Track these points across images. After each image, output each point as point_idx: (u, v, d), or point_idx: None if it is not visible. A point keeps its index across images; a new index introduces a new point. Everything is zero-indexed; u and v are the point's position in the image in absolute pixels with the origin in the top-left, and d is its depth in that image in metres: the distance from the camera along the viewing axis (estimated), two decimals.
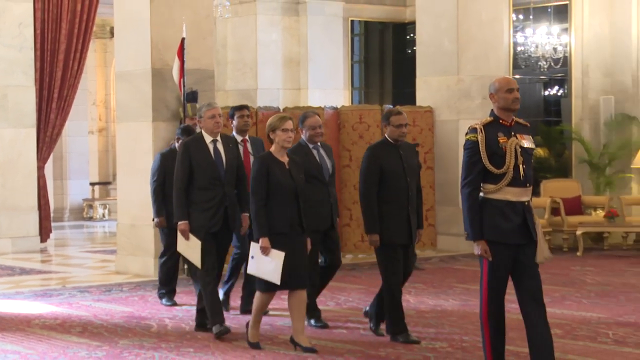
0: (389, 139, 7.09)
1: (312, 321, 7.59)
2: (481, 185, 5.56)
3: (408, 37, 16.85)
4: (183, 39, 10.26)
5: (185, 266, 10.40)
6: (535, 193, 12.40)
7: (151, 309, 8.77)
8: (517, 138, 5.54)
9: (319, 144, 7.58)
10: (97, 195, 18.72)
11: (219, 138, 7.30)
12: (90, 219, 17.99)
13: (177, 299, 9.07)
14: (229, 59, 15.90)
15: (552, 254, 5.81)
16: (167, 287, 8.79)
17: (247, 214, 7.33)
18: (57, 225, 15.78)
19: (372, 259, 7.99)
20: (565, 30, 14.58)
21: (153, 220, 8.97)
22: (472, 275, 10.07)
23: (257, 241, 6.66)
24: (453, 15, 12.72)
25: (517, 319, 5.91)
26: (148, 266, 10.59)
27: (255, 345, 6.75)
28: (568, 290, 9.30)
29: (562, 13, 14.77)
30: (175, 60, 10.42)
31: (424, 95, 13.05)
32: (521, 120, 5.70)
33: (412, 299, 8.92)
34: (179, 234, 7.25)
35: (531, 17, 15.23)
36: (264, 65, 15.81)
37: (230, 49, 15.94)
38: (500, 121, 5.57)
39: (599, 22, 14.27)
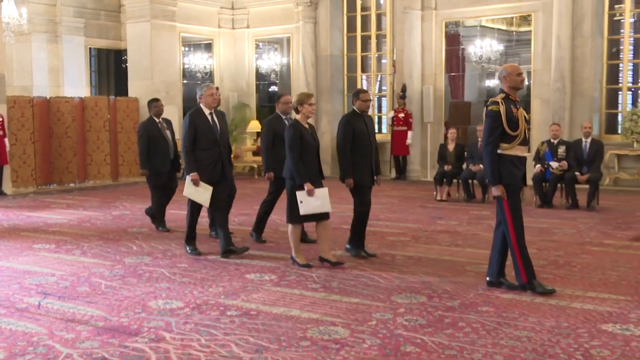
0: (357, 110, 7.21)
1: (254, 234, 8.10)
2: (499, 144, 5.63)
3: (123, 57, 18.90)
4: None
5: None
6: None
7: None
8: (521, 109, 5.73)
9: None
10: None
11: (213, 111, 7.41)
12: None
13: (32, 212, 10.48)
14: (15, 68, 17.70)
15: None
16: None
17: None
18: None
19: None
20: (211, 56, 17.90)
21: (139, 171, 9.26)
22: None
23: (299, 188, 6.67)
24: (148, 46, 15.81)
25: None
26: None
27: (306, 265, 6.75)
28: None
29: (209, 47, 17.97)
30: None
31: (133, 91, 15.72)
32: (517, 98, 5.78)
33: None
34: (188, 181, 7.27)
35: (192, 48, 18.13)
36: (37, 72, 17.80)
37: (15, 61, 17.76)
38: (510, 97, 5.72)
39: (229, 52, 18.15)
